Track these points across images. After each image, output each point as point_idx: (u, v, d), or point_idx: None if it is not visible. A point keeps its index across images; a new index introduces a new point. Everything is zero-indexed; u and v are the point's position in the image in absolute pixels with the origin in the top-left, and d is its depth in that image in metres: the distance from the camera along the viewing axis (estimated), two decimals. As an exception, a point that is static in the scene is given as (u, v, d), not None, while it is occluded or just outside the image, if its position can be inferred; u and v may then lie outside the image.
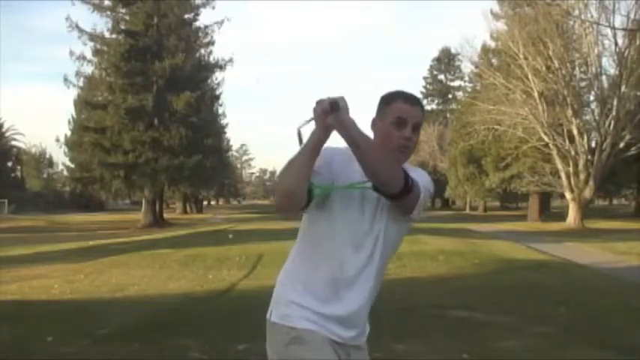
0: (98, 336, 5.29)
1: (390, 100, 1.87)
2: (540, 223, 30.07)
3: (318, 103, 1.71)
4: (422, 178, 1.85)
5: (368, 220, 1.82)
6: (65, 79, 30.86)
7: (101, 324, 5.77)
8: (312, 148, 1.73)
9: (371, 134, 1.86)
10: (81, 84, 31.67)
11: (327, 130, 1.71)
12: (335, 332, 1.81)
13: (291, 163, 1.72)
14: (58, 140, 34.23)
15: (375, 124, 1.89)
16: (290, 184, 1.72)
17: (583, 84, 29.32)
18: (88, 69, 31.45)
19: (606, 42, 26.45)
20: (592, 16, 25.19)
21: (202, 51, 33.31)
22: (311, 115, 1.74)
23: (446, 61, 59.04)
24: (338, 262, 1.81)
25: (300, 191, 1.73)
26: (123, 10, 31.27)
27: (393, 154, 1.81)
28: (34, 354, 4.77)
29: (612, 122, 25.96)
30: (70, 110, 36.96)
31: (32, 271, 10.65)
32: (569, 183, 27.26)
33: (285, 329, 1.82)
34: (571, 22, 26.64)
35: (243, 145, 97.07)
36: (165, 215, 37.25)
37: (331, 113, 1.69)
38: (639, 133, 26.15)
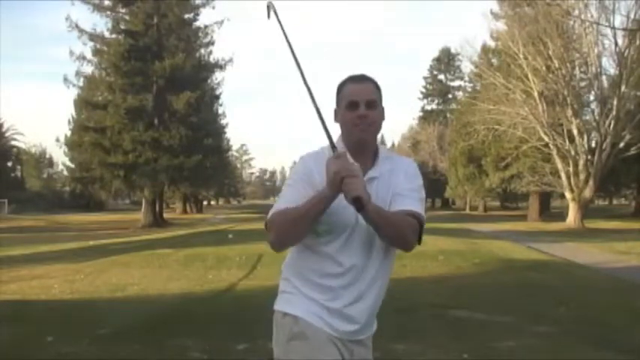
0: (98, 336, 5.28)
1: (341, 87, 1.90)
2: (540, 223, 30.07)
3: (338, 157, 1.68)
4: (410, 171, 1.89)
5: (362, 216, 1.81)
6: (65, 79, 30.96)
7: (101, 324, 5.76)
8: (315, 212, 1.72)
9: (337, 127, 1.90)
10: (81, 84, 31.70)
11: (333, 187, 1.67)
12: (337, 327, 1.81)
13: (291, 220, 1.74)
14: (58, 140, 34.20)
15: (336, 114, 1.90)
16: (285, 239, 1.81)
17: (583, 84, 29.33)
18: (88, 69, 31.55)
19: (606, 42, 26.53)
20: (592, 16, 25.22)
21: (202, 51, 33.35)
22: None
23: (446, 61, 59.07)
24: (339, 257, 1.81)
25: (294, 243, 1.84)
26: (123, 10, 31.28)
27: (355, 136, 1.83)
28: (34, 354, 4.76)
29: (612, 122, 25.96)
30: (70, 110, 37.00)
31: (32, 271, 10.64)
32: (569, 183, 27.26)
33: (288, 322, 1.84)
34: (571, 22, 26.65)
35: (243, 145, 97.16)
36: (165, 215, 37.27)
37: (358, 208, 1.67)
38: (639, 133, 26.15)
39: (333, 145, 1.73)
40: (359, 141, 1.84)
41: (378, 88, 1.89)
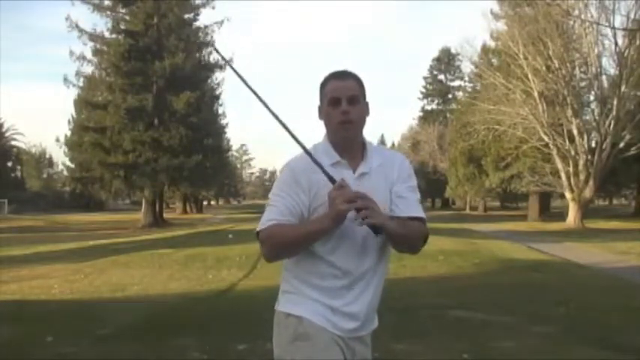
0: (98, 336, 5.29)
1: (324, 83, 1.89)
2: (540, 223, 30.05)
3: (339, 188, 1.70)
4: (403, 171, 1.91)
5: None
6: (65, 79, 30.94)
7: (101, 324, 5.77)
8: (313, 236, 1.76)
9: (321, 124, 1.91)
10: (81, 84, 31.71)
11: (337, 221, 1.71)
12: (340, 325, 1.82)
13: (287, 242, 1.78)
14: (58, 140, 34.27)
15: (320, 111, 1.91)
16: (278, 257, 1.84)
17: (583, 84, 29.32)
18: (88, 69, 31.56)
19: (606, 42, 26.53)
20: (592, 16, 25.22)
21: (202, 51, 33.32)
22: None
23: (446, 61, 59.02)
24: (333, 259, 1.81)
25: (288, 258, 1.88)
26: (123, 10, 31.27)
27: (339, 135, 1.85)
28: (34, 354, 4.77)
29: (612, 122, 25.95)
30: (70, 110, 37.04)
31: (32, 271, 10.66)
32: (569, 183, 27.25)
33: (292, 322, 1.83)
34: (571, 22, 26.64)
35: (243, 145, 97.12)
36: (165, 215, 37.26)
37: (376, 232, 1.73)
38: (639, 133, 26.15)
39: (331, 179, 1.73)
40: (343, 139, 1.86)
41: (360, 83, 1.90)
